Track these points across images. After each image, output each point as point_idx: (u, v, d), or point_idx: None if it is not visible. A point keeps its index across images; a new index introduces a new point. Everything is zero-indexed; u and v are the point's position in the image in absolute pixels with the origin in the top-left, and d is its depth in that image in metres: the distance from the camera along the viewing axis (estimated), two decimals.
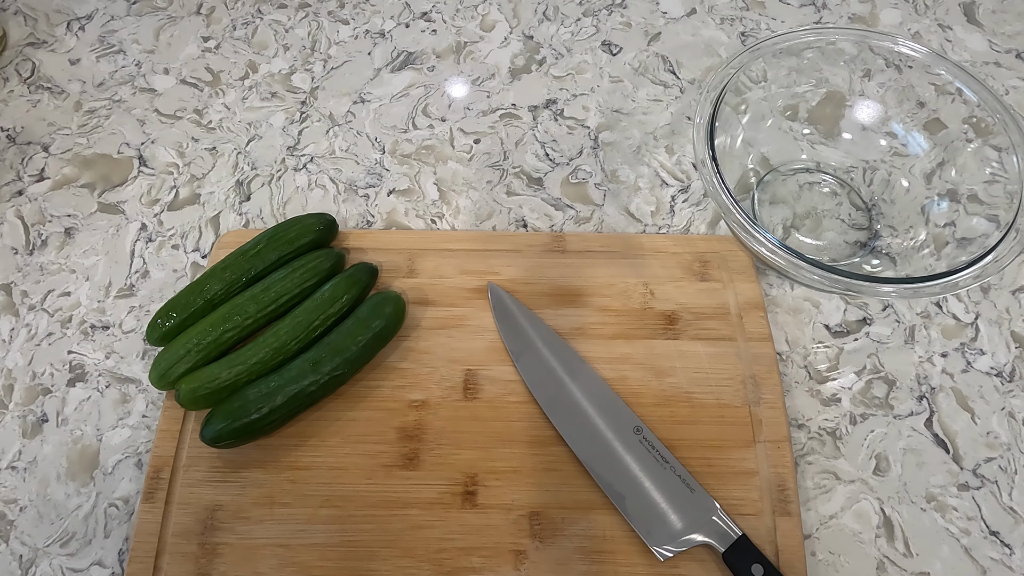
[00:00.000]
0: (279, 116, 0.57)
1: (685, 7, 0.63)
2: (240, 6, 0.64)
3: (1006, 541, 0.40)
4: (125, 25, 0.63)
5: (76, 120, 0.57)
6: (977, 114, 0.45)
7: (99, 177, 0.54)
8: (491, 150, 0.55)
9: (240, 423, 0.39)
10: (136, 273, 0.50)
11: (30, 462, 0.43)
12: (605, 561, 0.39)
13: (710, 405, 0.43)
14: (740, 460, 0.41)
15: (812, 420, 0.44)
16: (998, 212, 0.43)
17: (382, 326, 0.43)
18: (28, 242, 0.51)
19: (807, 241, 0.49)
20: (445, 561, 0.39)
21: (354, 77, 0.59)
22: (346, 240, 0.49)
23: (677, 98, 0.58)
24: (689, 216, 0.52)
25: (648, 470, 0.39)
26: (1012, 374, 0.45)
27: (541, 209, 0.52)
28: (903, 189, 0.49)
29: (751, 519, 0.39)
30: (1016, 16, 0.62)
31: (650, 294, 0.47)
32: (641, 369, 0.44)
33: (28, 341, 0.47)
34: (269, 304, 0.43)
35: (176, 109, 0.58)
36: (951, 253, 0.43)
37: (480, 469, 0.41)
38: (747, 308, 0.46)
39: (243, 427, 0.39)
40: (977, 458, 0.43)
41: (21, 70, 0.60)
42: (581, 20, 0.62)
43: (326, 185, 0.53)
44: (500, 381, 0.44)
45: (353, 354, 0.42)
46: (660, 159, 0.54)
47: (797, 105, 0.52)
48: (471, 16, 0.63)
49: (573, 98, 0.58)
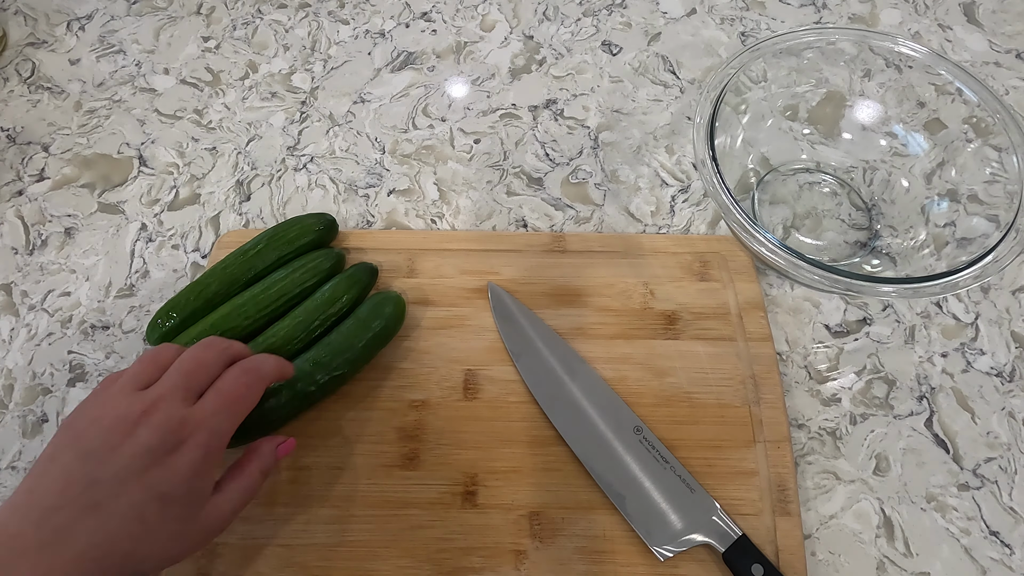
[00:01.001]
0: (279, 116, 0.57)
1: (685, 7, 0.63)
2: (240, 6, 0.64)
3: (1006, 541, 0.40)
4: (125, 25, 0.63)
5: (76, 120, 0.57)
6: (977, 114, 0.45)
7: (99, 177, 0.54)
8: (491, 150, 0.55)
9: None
10: (136, 273, 0.50)
11: (30, 462, 0.43)
12: (605, 561, 0.39)
13: (710, 405, 0.43)
14: (740, 460, 0.41)
15: (812, 420, 0.44)
16: (998, 212, 0.43)
17: (382, 326, 0.43)
18: (28, 242, 0.51)
19: (807, 241, 0.49)
20: (445, 561, 0.39)
21: (354, 77, 0.59)
22: (346, 240, 0.49)
23: (677, 98, 0.58)
24: (689, 216, 0.52)
25: (648, 470, 0.39)
26: (1012, 374, 0.45)
27: (541, 209, 0.52)
28: (903, 189, 0.49)
29: (751, 519, 0.39)
30: (1016, 16, 0.62)
31: (650, 294, 0.47)
32: (641, 369, 0.44)
33: (28, 341, 0.47)
34: (269, 304, 0.43)
35: (176, 109, 0.58)
36: (951, 253, 0.43)
37: (480, 469, 0.41)
38: (747, 308, 0.46)
39: (243, 427, 0.39)
40: (977, 458, 0.43)
41: (21, 70, 0.60)
42: (581, 20, 0.62)
43: (326, 185, 0.53)
44: (500, 381, 0.44)
45: (353, 354, 0.42)
46: (660, 159, 0.54)
47: (797, 105, 0.52)
48: (471, 16, 0.63)
49: (573, 98, 0.58)
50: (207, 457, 0.31)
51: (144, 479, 0.30)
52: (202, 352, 0.34)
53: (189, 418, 0.31)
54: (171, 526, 0.30)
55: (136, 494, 0.29)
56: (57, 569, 0.27)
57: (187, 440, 0.31)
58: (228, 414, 0.33)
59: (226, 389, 0.33)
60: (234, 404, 0.33)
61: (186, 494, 0.31)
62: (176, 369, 0.33)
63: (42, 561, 0.27)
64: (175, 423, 0.31)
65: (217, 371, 0.34)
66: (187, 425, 0.31)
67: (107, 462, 0.30)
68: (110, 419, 0.31)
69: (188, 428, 0.31)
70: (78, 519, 0.28)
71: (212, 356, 0.34)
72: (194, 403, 0.33)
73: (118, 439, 0.30)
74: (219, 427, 0.32)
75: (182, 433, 0.31)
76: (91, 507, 0.29)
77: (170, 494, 0.30)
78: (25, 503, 0.29)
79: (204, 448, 0.31)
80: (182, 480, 0.30)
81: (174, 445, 0.31)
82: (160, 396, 0.32)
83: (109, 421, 0.31)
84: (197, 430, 0.31)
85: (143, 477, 0.30)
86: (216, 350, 0.35)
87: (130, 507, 0.29)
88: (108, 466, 0.30)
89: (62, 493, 0.29)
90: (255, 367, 0.35)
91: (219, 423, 0.32)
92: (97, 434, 0.30)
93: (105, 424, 0.31)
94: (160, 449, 0.30)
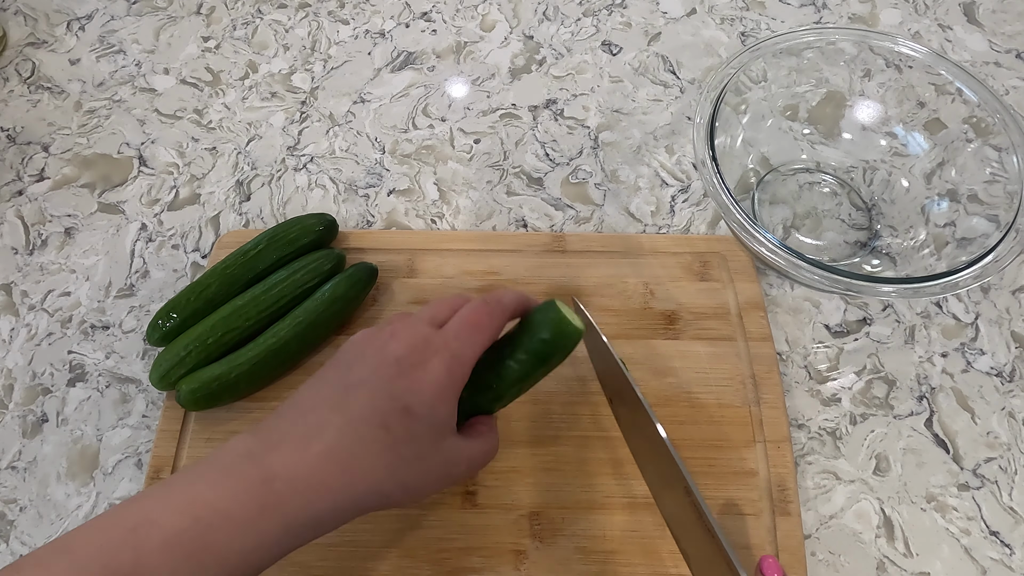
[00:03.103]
0: (279, 116, 0.57)
1: (685, 7, 0.63)
2: (240, 6, 0.64)
3: (1006, 541, 0.40)
4: (125, 25, 0.63)
5: (76, 120, 0.57)
6: (977, 114, 0.45)
7: (99, 177, 0.54)
8: (491, 150, 0.55)
9: None
10: (136, 273, 0.50)
11: (30, 462, 0.43)
12: (605, 561, 0.39)
13: (710, 405, 0.43)
14: (740, 460, 0.41)
15: (812, 420, 0.44)
16: (998, 212, 0.43)
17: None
18: (28, 242, 0.51)
19: (807, 241, 0.49)
20: (445, 561, 0.39)
21: (354, 77, 0.59)
22: (346, 240, 0.49)
23: (677, 98, 0.58)
24: (689, 216, 0.52)
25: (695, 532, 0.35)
26: (1012, 374, 0.45)
27: (541, 209, 0.52)
28: (903, 189, 0.49)
29: (751, 519, 0.39)
30: (1016, 16, 0.62)
31: (650, 294, 0.47)
32: (641, 369, 0.44)
33: (28, 341, 0.47)
34: (270, 305, 0.43)
35: (176, 109, 0.58)
36: (951, 253, 0.43)
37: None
38: (747, 308, 0.46)
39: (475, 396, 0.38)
40: (977, 458, 0.43)
41: (21, 70, 0.60)
42: (581, 20, 0.62)
43: (326, 185, 0.53)
44: None
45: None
46: (660, 159, 0.54)
47: (797, 105, 0.52)
48: (471, 16, 0.63)
49: (573, 98, 0.58)
50: (450, 378, 0.32)
51: (390, 388, 0.31)
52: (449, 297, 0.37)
53: (433, 337, 0.33)
54: (414, 446, 0.31)
55: (381, 401, 0.31)
56: (307, 462, 0.29)
57: (431, 358, 0.32)
58: (470, 340, 0.33)
59: (468, 316, 0.34)
60: (475, 330, 0.34)
61: (429, 414, 0.31)
62: (425, 306, 0.36)
63: (293, 452, 0.29)
64: (420, 339, 0.33)
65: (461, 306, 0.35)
66: (431, 343, 0.32)
67: (356, 369, 0.32)
68: (365, 338, 0.34)
69: (433, 347, 0.32)
70: (328, 418, 0.30)
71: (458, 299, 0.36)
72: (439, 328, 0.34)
73: (370, 352, 0.33)
74: (461, 351, 0.33)
75: (427, 351, 0.32)
76: (339, 407, 0.31)
77: (413, 409, 0.31)
78: (288, 406, 0.32)
79: (447, 368, 0.32)
80: (426, 397, 0.31)
81: (419, 360, 0.32)
82: (408, 321, 0.34)
83: (364, 340, 0.34)
84: (441, 349, 0.32)
85: (389, 385, 0.31)
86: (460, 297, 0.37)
87: (374, 412, 0.30)
88: (357, 372, 0.32)
89: (317, 395, 0.32)
90: (496, 298, 0.36)
91: (461, 347, 0.33)
92: (354, 350, 0.33)
93: (360, 343, 0.34)
94: (405, 361, 0.32)
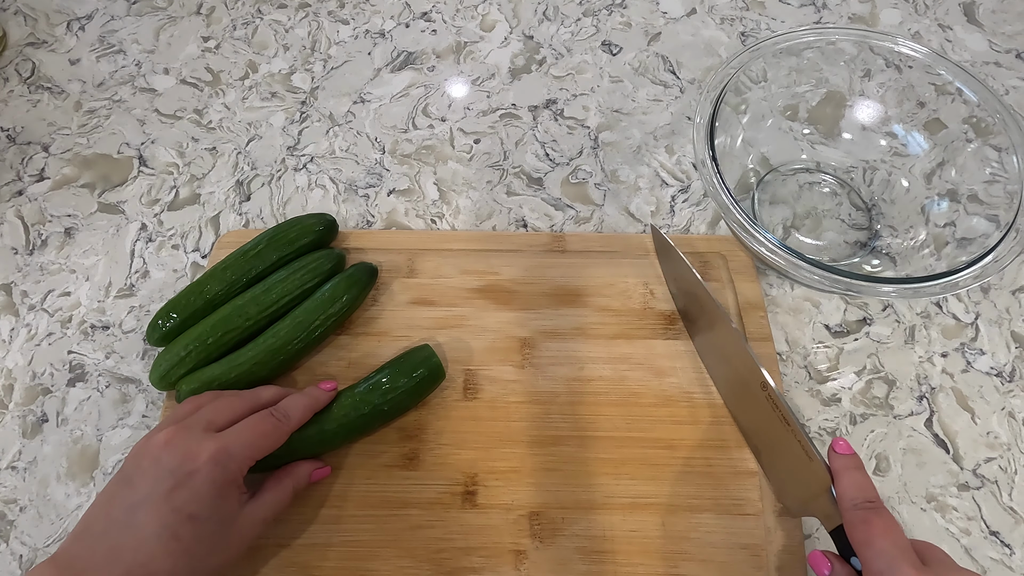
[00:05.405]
0: (279, 116, 0.57)
1: (685, 7, 0.63)
2: (240, 6, 0.64)
3: (1006, 541, 0.40)
4: (125, 25, 0.63)
5: (76, 120, 0.57)
6: (977, 114, 0.45)
7: (99, 177, 0.54)
8: (491, 150, 0.55)
9: None
10: (136, 273, 0.50)
11: (30, 462, 0.43)
12: (605, 561, 0.39)
13: (710, 405, 0.43)
14: (740, 460, 0.41)
15: (812, 420, 0.44)
16: (998, 212, 0.43)
17: (424, 375, 0.41)
18: (28, 242, 0.51)
19: (807, 241, 0.49)
20: (445, 561, 0.39)
21: (354, 77, 0.59)
22: (346, 240, 0.49)
23: (677, 98, 0.58)
24: (689, 216, 0.52)
25: (773, 430, 0.38)
26: (1012, 374, 0.45)
27: (541, 209, 0.52)
28: (903, 189, 0.49)
29: (751, 519, 0.39)
30: (1016, 16, 0.62)
31: (650, 294, 0.47)
32: (641, 369, 0.44)
33: (28, 341, 0.47)
34: (270, 305, 0.43)
35: (176, 109, 0.58)
36: (951, 253, 0.43)
37: (480, 469, 0.41)
38: (747, 308, 0.46)
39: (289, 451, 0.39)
40: (977, 458, 0.43)
41: (21, 70, 0.60)
42: (581, 20, 0.62)
43: (326, 185, 0.53)
44: (500, 381, 0.44)
45: (396, 396, 0.41)
46: (660, 159, 0.54)
47: (797, 105, 0.52)
48: (471, 16, 0.63)
49: (573, 98, 0.58)
50: (225, 477, 0.34)
51: (170, 501, 0.32)
52: (230, 397, 0.38)
53: (206, 441, 0.34)
54: (206, 542, 0.33)
55: (165, 515, 0.32)
56: None
57: (205, 463, 0.33)
58: (246, 444, 0.35)
59: (248, 424, 0.36)
60: (254, 437, 0.35)
61: (213, 513, 0.33)
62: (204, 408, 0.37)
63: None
64: (192, 445, 0.34)
65: (242, 413, 0.37)
66: (204, 448, 0.33)
67: (138, 484, 0.33)
68: (142, 449, 0.34)
69: (205, 451, 0.33)
70: (121, 541, 0.31)
71: (239, 402, 0.37)
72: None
73: (146, 464, 0.33)
74: (236, 452, 0.34)
75: (199, 456, 0.33)
76: (129, 527, 0.32)
77: (197, 515, 0.32)
78: (82, 528, 0.33)
79: (222, 468, 0.33)
80: (206, 500, 0.33)
81: (193, 468, 0.33)
82: (182, 426, 0.35)
83: (140, 451, 0.34)
84: (215, 453, 0.33)
85: (170, 498, 0.32)
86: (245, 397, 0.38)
87: (163, 528, 0.32)
88: (139, 488, 0.33)
89: (107, 518, 0.32)
90: (284, 413, 0.37)
91: (236, 448, 0.34)
92: (132, 463, 0.34)
93: (137, 455, 0.34)
94: (180, 470, 0.33)
